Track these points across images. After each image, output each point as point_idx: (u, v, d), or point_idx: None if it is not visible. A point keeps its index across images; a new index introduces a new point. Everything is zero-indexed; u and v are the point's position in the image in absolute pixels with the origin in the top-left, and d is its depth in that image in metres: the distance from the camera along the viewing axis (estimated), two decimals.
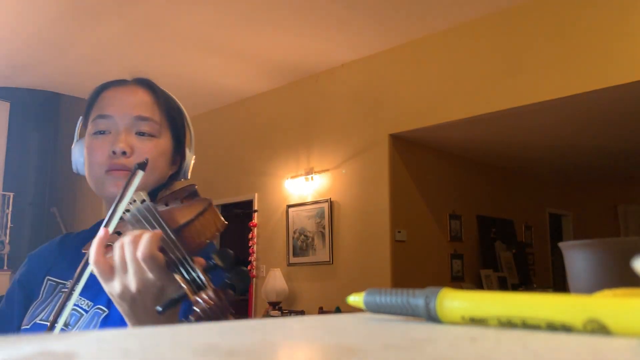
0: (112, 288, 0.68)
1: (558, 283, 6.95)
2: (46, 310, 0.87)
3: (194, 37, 4.54)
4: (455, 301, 0.28)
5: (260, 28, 4.40)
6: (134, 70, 1.02)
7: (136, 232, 0.69)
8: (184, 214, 0.77)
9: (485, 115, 4.18)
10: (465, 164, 5.77)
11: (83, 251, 0.83)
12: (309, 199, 5.17)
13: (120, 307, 0.70)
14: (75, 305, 0.85)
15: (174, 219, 0.76)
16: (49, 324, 0.83)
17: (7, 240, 6.42)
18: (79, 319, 0.84)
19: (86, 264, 0.71)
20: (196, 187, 0.90)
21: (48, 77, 5.46)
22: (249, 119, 5.83)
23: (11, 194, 6.65)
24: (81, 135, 0.98)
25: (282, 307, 5.11)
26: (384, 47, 4.77)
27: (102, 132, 0.89)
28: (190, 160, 1.00)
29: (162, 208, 0.82)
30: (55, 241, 1.02)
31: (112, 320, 0.82)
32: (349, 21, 4.29)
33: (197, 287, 0.63)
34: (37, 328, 0.85)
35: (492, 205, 6.07)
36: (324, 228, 5.03)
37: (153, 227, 0.74)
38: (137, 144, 0.88)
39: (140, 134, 0.89)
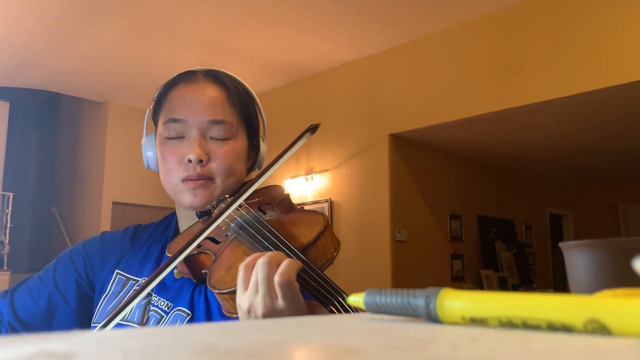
0: (241, 301, 0.64)
1: (558, 283, 6.95)
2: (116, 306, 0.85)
3: (194, 37, 4.54)
4: (456, 301, 0.28)
5: (260, 28, 4.40)
6: (202, 60, 0.97)
7: (272, 252, 0.64)
8: (300, 231, 0.72)
9: (485, 115, 4.18)
10: (466, 164, 5.77)
11: (167, 254, 0.81)
12: (309, 199, 5.17)
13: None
14: (153, 305, 0.82)
15: (291, 234, 0.72)
16: (134, 325, 0.81)
17: (6, 240, 6.42)
18: (159, 320, 0.80)
19: (167, 265, 0.67)
20: (286, 191, 0.87)
21: (48, 77, 5.46)
22: None
23: (11, 194, 6.65)
24: (149, 130, 0.94)
25: None
26: (384, 47, 4.77)
27: (175, 137, 0.86)
28: (264, 150, 0.96)
29: (264, 217, 0.78)
30: (129, 231, 0.97)
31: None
32: (349, 21, 4.29)
33: None
34: (116, 327, 0.81)
35: (493, 205, 6.07)
36: None
37: (267, 239, 0.69)
38: (213, 149, 0.84)
39: (215, 137, 0.85)
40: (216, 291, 0.69)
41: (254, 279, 0.62)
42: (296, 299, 0.60)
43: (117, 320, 0.66)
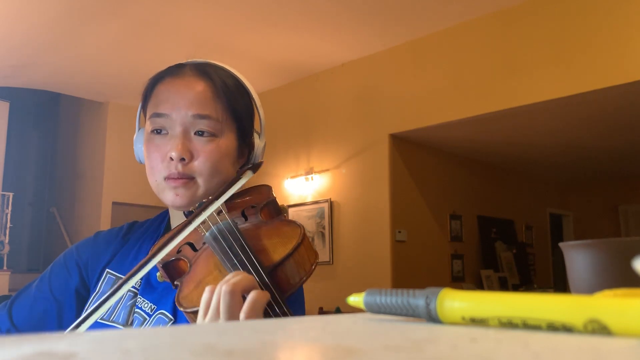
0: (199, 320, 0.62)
1: (559, 283, 6.95)
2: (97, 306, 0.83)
3: (194, 37, 4.54)
4: (456, 301, 0.28)
5: (260, 28, 4.40)
6: (190, 52, 0.92)
7: (237, 279, 0.61)
8: (275, 246, 0.68)
9: (485, 115, 4.18)
10: (466, 164, 5.77)
11: (152, 253, 0.79)
12: (309, 199, 5.17)
13: None
14: (137, 307, 0.80)
15: (263, 250, 0.68)
16: (119, 326, 0.79)
17: (6, 240, 6.42)
18: (142, 324, 0.78)
19: (146, 262, 0.65)
20: (273, 193, 0.83)
21: (48, 77, 5.46)
22: None
23: (11, 194, 6.65)
24: (141, 125, 0.92)
25: None
26: (384, 47, 4.77)
27: (158, 131, 0.83)
28: (261, 146, 0.91)
29: (242, 224, 0.75)
30: (123, 228, 0.94)
31: None
32: (349, 21, 4.29)
33: None
34: (98, 327, 0.79)
35: (493, 206, 6.07)
36: (324, 228, 5.03)
37: (236, 256, 0.66)
38: (197, 147, 0.81)
39: (200, 133, 0.81)
40: (181, 309, 0.66)
41: (214, 305, 0.60)
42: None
43: (94, 318, 0.64)
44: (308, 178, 5.18)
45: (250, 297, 0.59)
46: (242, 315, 0.58)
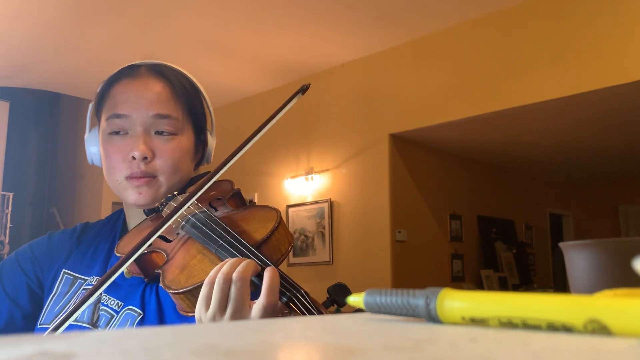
0: (202, 316, 0.62)
1: (559, 283, 6.94)
2: (67, 308, 0.82)
3: (194, 37, 4.54)
4: (456, 301, 0.28)
5: (260, 28, 4.40)
6: (144, 55, 0.94)
7: (228, 264, 0.62)
8: (254, 227, 0.71)
9: (485, 115, 4.18)
10: (465, 164, 5.77)
11: (117, 254, 0.79)
12: (309, 199, 5.17)
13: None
14: (103, 304, 0.80)
15: (244, 231, 0.70)
16: (85, 325, 0.79)
17: (6, 240, 6.42)
18: (110, 320, 0.79)
19: (119, 267, 0.66)
20: (235, 184, 0.85)
21: (48, 77, 5.46)
22: (248, 119, 5.83)
23: (11, 194, 6.65)
24: (92, 125, 0.92)
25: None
26: (384, 47, 4.77)
27: (117, 132, 0.83)
28: (213, 144, 0.93)
29: (216, 213, 0.77)
30: (77, 230, 0.95)
31: (149, 323, 0.77)
32: (349, 21, 4.29)
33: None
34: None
35: (493, 206, 6.07)
36: (324, 228, 5.03)
37: (221, 237, 0.68)
38: (158, 146, 0.82)
39: (160, 132, 0.82)
40: (171, 291, 0.68)
41: (217, 295, 0.60)
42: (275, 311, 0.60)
43: (69, 322, 0.65)
44: (308, 178, 5.18)
45: (266, 284, 0.59)
46: (263, 299, 0.59)
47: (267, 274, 0.60)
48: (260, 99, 5.73)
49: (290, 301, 0.60)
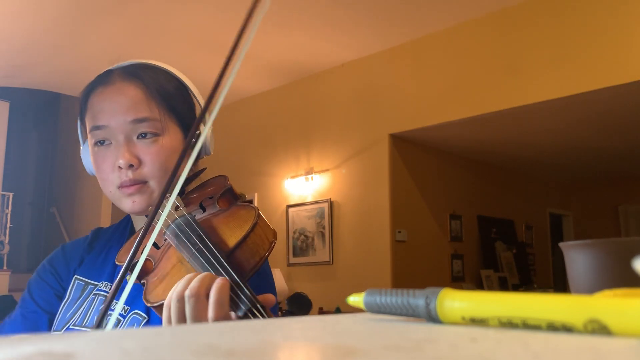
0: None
1: (558, 283, 6.94)
2: (78, 313, 0.83)
3: (193, 37, 4.54)
4: (456, 301, 0.28)
5: (260, 28, 4.38)
6: (114, 56, 0.92)
7: (182, 282, 0.61)
8: (232, 230, 0.69)
9: (485, 115, 4.18)
10: (465, 164, 5.77)
11: (117, 263, 0.79)
12: (309, 199, 5.17)
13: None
14: (110, 309, 0.80)
15: (220, 236, 0.69)
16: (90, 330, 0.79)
17: (6, 240, 6.42)
18: (117, 325, 0.79)
19: (124, 276, 0.65)
20: (229, 181, 0.83)
21: (48, 77, 5.46)
22: (249, 119, 5.83)
23: (11, 194, 6.65)
24: (84, 138, 0.93)
25: (281, 307, 5.10)
26: (384, 47, 4.77)
27: (102, 142, 0.83)
28: (208, 134, 0.89)
29: (200, 215, 0.76)
30: (88, 236, 0.96)
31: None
32: (349, 21, 4.29)
33: None
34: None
35: (493, 205, 6.07)
36: (324, 228, 5.03)
37: (194, 245, 0.67)
38: (143, 151, 0.81)
39: (142, 135, 0.81)
40: (149, 304, 0.67)
41: (174, 310, 0.60)
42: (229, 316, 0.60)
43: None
44: (308, 178, 5.18)
45: (213, 298, 0.58)
46: (210, 312, 0.58)
47: (214, 287, 0.59)
48: (260, 99, 5.73)
49: (245, 316, 0.58)
